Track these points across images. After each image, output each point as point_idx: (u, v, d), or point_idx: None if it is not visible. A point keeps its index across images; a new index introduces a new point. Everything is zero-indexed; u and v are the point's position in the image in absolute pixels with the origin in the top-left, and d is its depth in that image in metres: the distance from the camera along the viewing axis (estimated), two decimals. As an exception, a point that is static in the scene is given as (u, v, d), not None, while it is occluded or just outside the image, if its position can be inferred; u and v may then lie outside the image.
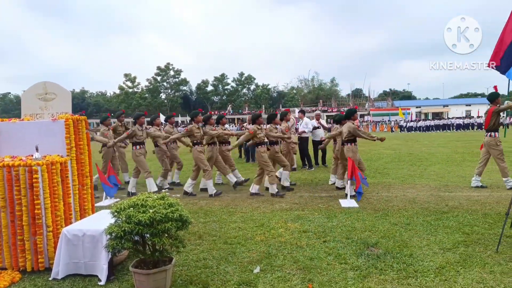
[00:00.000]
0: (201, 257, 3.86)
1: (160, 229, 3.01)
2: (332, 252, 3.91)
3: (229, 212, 5.78)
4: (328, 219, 5.17)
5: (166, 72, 72.40)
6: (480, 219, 4.97)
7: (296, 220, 5.21)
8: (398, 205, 5.92)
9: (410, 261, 3.61)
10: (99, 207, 6.04)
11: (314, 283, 3.21)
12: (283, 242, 4.28)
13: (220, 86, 75.45)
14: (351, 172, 6.26)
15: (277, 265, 3.62)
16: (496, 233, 4.23)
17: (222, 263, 3.70)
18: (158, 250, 3.16)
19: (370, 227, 4.75)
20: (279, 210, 5.81)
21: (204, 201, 6.64)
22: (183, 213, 3.12)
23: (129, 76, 71.97)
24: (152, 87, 72.13)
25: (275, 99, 74.10)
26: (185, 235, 4.37)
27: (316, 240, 4.31)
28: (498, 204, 5.79)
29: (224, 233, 4.66)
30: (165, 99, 73.10)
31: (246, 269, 3.54)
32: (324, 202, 6.28)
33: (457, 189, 7.14)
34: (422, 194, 6.71)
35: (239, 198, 6.86)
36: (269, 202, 6.44)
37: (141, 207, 3.09)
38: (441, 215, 5.26)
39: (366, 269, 3.47)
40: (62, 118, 4.11)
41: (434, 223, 4.86)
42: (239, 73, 75.08)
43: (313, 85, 77.54)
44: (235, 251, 4.01)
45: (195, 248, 4.15)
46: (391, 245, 4.08)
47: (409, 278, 3.25)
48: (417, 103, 68.47)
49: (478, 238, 4.21)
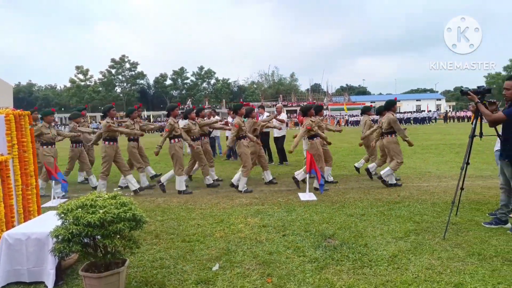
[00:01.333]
0: (158, 257, 3.74)
1: (111, 230, 2.85)
2: (291, 246, 3.94)
3: (188, 209, 5.66)
4: (288, 213, 5.22)
5: (121, 65, 69.81)
6: (429, 208, 5.24)
7: (256, 215, 5.20)
8: (354, 197, 6.10)
9: (365, 251, 3.72)
10: (47, 207, 5.70)
11: (273, 277, 3.21)
12: (242, 237, 4.26)
13: (179, 80, 73.98)
14: (309, 166, 6.35)
15: (237, 261, 3.59)
16: (444, 221, 4.47)
17: (179, 262, 3.60)
18: (110, 252, 3.01)
19: (327, 219, 4.84)
20: (239, 206, 5.78)
21: (161, 199, 6.46)
22: (137, 212, 2.99)
23: (81, 68, 68.64)
24: (106, 80, 69.28)
25: (235, 94, 73.93)
26: (141, 235, 4.21)
27: (275, 234, 4.33)
28: (445, 194, 6.14)
29: (182, 231, 4.55)
30: (120, 93, 70.49)
31: (205, 267, 3.47)
32: (283, 196, 6.33)
33: (408, 180, 7.50)
34: (376, 185, 6.96)
35: (199, 195, 6.75)
36: (229, 197, 6.39)
37: (90, 207, 2.92)
38: (394, 205, 5.49)
39: (324, 260, 3.53)
40: (2, 113, 3.79)
41: (387, 213, 5.06)
42: (199, 67, 74.20)
43: (273, 80, 78.22)
44: (194, 249, 3.93)
45: (151, 248, 4.01)
46: (347, 236, 4.18)
47: (364, 268, 3.35)
48: (371, 98, 71.23)
49: (427, 226, 4.43)
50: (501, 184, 4.41)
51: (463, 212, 4.95)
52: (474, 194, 6.03)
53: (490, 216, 4.68)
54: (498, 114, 4.22)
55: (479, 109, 4.21)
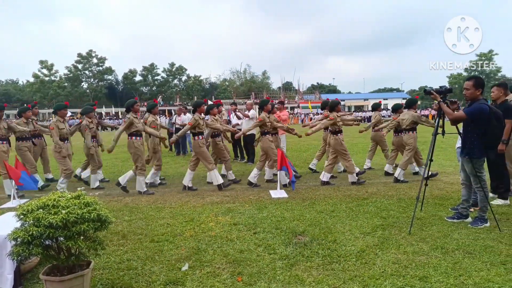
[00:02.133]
0: (125, 258, 3.63)
1: (75, 231, 2.74)
2: (262, 243, 3.93)
3: (157, 208, 5.54)
4: (259, 211, 5.22)
5: (88, 60, 67.31)
6: (395, 204, 5.40)
7: (226, 213, 5.16)
8: (325, 194, 6.19)
9: (334, 247, 3.78)
10: (6, 208, 5.41)
11: (244, 276, 3.19)
12: (213, 236, 4.21)
13: (149, 76, 72.35)
14: (280, 163, 6.38)
15: (207, 260, 3.54)
16: (409, 216, 4.61)
17: (147, 263, 3.51)
18: (74, 254, 2.88)
19: (298, 216, 4.88)
20: (210, 204, 5.72)
21: (130, 198, 6.28)
22: (102, 213, 2.88)
23: (45, 63, 65.60)
24: (73, 76, 66.64)
25: (207, 91, 73.20)
26: (107, 236, 4.09)
27: (246, 232, 4.31)
28: (411, 189, 6.35)
29: (151, 231, 4.44)
30: (87, 88, 68.09)
31: (174, 267, 3.40)
32: (254, 194, 6.33)
33: (375, 177, 7.70)
34: (345, 182, 7.10)
35: (168, 193, 6.63)
36: (200, 195, 6.32)
37: (52, 208, 2.79)
38: (362, 201, 5.62)
39: (294, 257, 3.55)
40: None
41: (355, 209, 5.16)
42: (170, 63, 72.80)
43: (245, 78, 78.10)
44: (163, 249, 3.84)
45: (118, 249, 3.89)
46: (317, 232, 4.23)
47: (333, 263, 3.39)
48: (341, 97, 72.72)
49: (393, 222, 4.56)
50: (462, 180, 4.60)
51: (427, 207, 5.14)
52: (438, 190, 6.27)
53: (453, 211, 4.89)
54: (459, 113, 4.40)
55: (442, 108, 4.38)
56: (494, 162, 5.21)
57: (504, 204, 5.22)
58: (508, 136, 5.14)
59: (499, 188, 5.34)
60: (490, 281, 2.98)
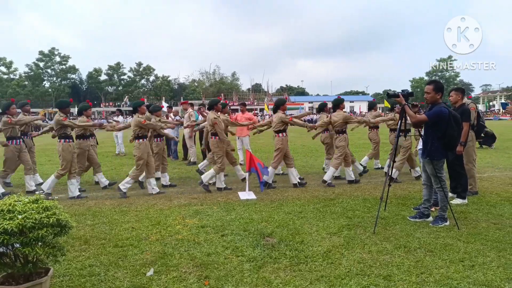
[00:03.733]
0: (87, 264, 3.48)
1: (32, 237, 2.61)
2: (229, 246, 3.90)
3: (122, 211, 5.37)
4: (227, 213, 5.18)
5: (50, 58, 64.56)
6: (361, 204, 5.54)
7: (194, 215, 5.09)
8: (293, 195, 6.25)
9: (301, 248, 3.81)
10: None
11: (211, 279, 3.15)
12: (180, 239, 4.13)
13: (115, 75, 70.35)
14: (249, 164, 6.38)
15: (173, 264, 3.47)
16: (373, 216, 4.74)
17: (111, 269, 3.38)
18: (31, 261, 2.74)
19: (266, 218, 4.89)
20: (177, 206, 5.62)
21: (92, 201, 6.05)
22: (62, 217, 2.76)
23: (3, 60, 62.29)
24: (34, 74, 63.65)
25: (176, 91, 72.20)
26: (68, 241, 3.91)
27: (214, 235, 4.27)
28: (375, 190, 6.54)
29: (115, 235, 4.29)
30: (49, 87, 65.23)
31: (139, 273, 3.30)
32: (223, 196, 6.28)
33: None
34: (313, 183, 7.20)
35: (134, 195, 6.45)
36: (167, 198, 6.19)
37: (7, 213, 2.64)
38: (329, 201, 5.72)
39: (262, 259, 3.55)
40: None
41: (322, 210, 5.24)
42: (137, 63, 71.36)
43: (215, 79, 77.72)
44: (127, 254, 3.72)
45: (80, 254, 3.73)
46: (285, 233, 4.26)
47: (300, 264, 3.42)
48: (309, 99, 74.06)
49: (359, 222, 4.67)
50: (424, 180, 4.79)
51: (390, 207, 5.30)
52: (401, 190, 6.50)
53: (415, 210, 5.07)
54: (421, 115, 4.58)
55: (405, 110, 4.54)
56: (452, 163, 5.47)
57: (462, 203, 5.48)
58: (466, 138, 5.41)
59: (457, 188, 5.61)
60: (450, 278, 3.11)
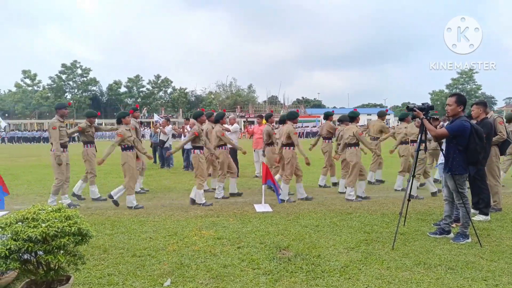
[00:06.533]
0: (106, 273, 3.53)
1: (55, 245, 2.68)
2: (245, 258, 3.90)
3: (140, 221, 5.44)
4: (243, 225, 5.18)
5: (72, 70, 66.64)
6: (379, 219, 5.45)
7: (210, 227, 5.11)
8: (309, 208, 6.20)
9: (318, 262, 3.77)
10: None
11: (227, 292, 3.15)
12: (196, 250, 4.15)
13: (134, 88, 71.92)
14: (265, 177, 6.39)
15: (189, 275, 3.48)
16: (392, 231, 4.66)
17: (129, 278, 3.42)
18: (53, 268, 2.81)
19: (282, 231, 4.87)
20: (194, 217, 5.65)
21: (112, 211, 6.16)
22: (83, 226, 2.82)
23: (28, 72, 64.63)
24: (56, 86, 65.74)
25: (193, 103, 73.10)
26: (87, 250, 3.99)
27: (230, 247, 4.27)
28: (394, 205, 6.42)
29: (133, 245, 4.35)
30: (71, 99, 67.10)
31: (156, 283, 3.33)
32: (239, 208, 6.29)
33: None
34: (330, 196, 7.14)
35: (152, 207, 6.53)
36: (184, 209, 6.24)
37: (32, 221, 2.73)
38: (346, 215, 5.65)
39: (278, 272, 3.52)
40: None
41: (339, 224, 5.18)
42: (156, 75, 72.63)
43: (231, 91, 78.45)
44: (145, 264, 3.76)
45: (99, 263, 3.79)
46: (301, 247, 4.22)
47: (317, 279, 3.38)
48: (326, 111, 73.67)
49: (377, 237, 4.59)
50: (445, 196, 4.68)
51: (410, 223, 5.20)
52: (420, 205, 6.37)
53: (435, 226, 4.96)
54: (442, 130, 4.51)
55: (424, 124, 4.49)
56: (473, 177, 5.34)
57: (485, 220, 5.33)
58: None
59: (479, 204, 5.46)
60: (471, 296, 3.02)
